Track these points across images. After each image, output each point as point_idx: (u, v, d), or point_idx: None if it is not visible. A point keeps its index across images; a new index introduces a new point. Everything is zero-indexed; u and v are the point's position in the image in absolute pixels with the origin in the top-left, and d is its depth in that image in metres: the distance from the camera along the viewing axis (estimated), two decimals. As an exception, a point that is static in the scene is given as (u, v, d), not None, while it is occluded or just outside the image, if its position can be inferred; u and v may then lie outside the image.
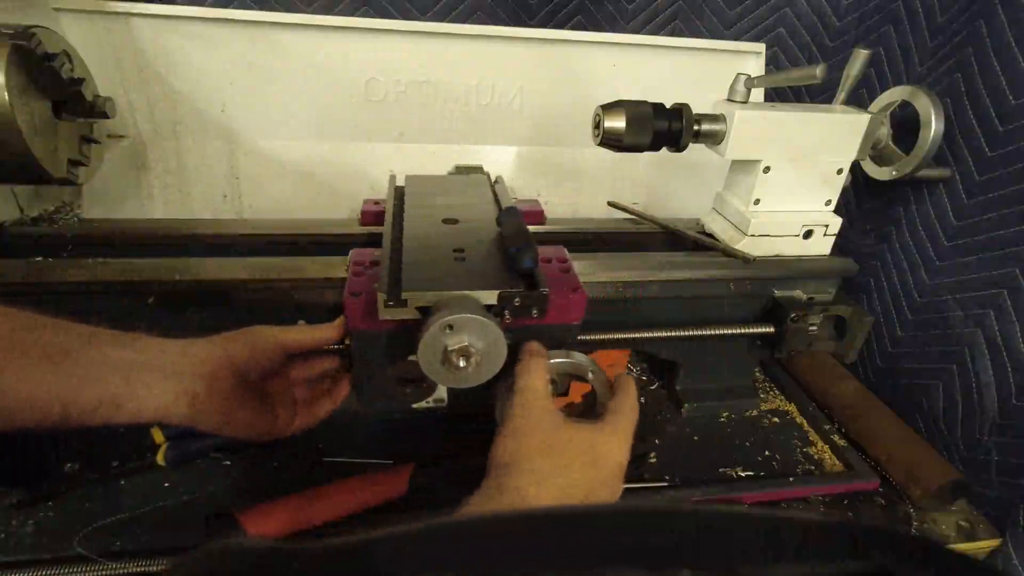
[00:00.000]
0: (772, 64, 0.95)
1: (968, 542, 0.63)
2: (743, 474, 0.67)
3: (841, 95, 0.68)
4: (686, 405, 0.75)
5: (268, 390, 0.51)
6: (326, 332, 0.53)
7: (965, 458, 0.68)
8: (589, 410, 0.62)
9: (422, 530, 0.21)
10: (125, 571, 0.51)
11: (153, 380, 0.42)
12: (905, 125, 0.70)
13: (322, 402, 0.56)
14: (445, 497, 0.47)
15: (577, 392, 0.70)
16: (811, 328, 0.69)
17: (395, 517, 0.59)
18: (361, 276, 0.57)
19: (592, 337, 0.64)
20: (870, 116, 0.65)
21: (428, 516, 0.21)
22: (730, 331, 0.69)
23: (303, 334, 0.52)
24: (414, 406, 0.63)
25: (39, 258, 0.64)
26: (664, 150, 0.64)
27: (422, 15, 0.87)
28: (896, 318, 0.78)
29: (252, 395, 0.48)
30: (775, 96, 0.96)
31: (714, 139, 0.64)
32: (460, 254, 0.57)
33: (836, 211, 0.71)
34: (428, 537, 0.21)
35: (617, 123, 0.61)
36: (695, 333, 0.68)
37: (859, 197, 0.84)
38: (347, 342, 0.55)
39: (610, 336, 0.66)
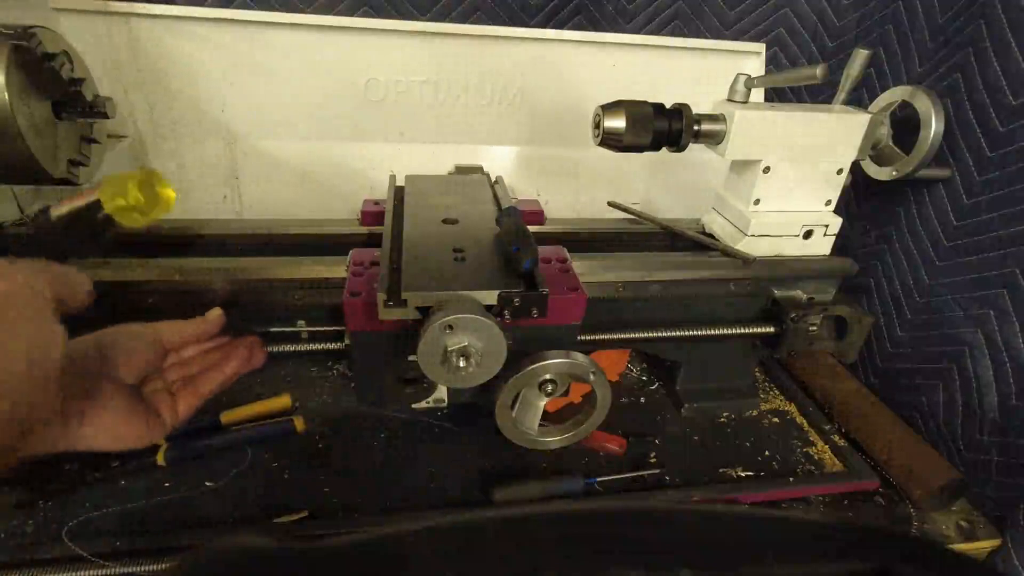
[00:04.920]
0: (772, 64, 0.95)
1: (968, 542, 0.63)
2: (743, 474, 0.67)
3: (841, 95, 0.68)
4: (686, 405, 0.75)
5: (146, 391, 0.47)
6: (202, 326, 0.50)
7: (965, 458, 0.68)
8: (589, 410, 0.62)
9: (425, 530, 0.21)
10: (125, 571, 0.51)
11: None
12: (905, 125, 0.70)
13: (209, 376, 0.50)
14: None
15: (577, 392, 0.70)
16: (811, 328, 0.69)
17: (395, 518, 0.59)
18: (361, 276, 0.57)
19: (592, 337, 0.64)
20: (870, 116, 0.65)
21: (431, 516, 0.21)
22: (730, 331, 0.69)
23: (181, 329, 0.49)
24: (414, 406, 0.63)
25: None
26: (664, 150, 0.64)
27: (422, 15, 0.87)
28: (896, 318, 0.78)
29: (136, 409, 0.44)
30: (775, 96, 0.95)
31: (714, 139, 0.64)
32: (460, 254, 0.57)
33: (836, 211, 0.71)
34: (432, 537, 0.21)
35: (617, 123, 0.61)
36: (695, 333, 0.68)
37: (859, 197, 0.84)
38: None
39: (610, 336, 0.65)
